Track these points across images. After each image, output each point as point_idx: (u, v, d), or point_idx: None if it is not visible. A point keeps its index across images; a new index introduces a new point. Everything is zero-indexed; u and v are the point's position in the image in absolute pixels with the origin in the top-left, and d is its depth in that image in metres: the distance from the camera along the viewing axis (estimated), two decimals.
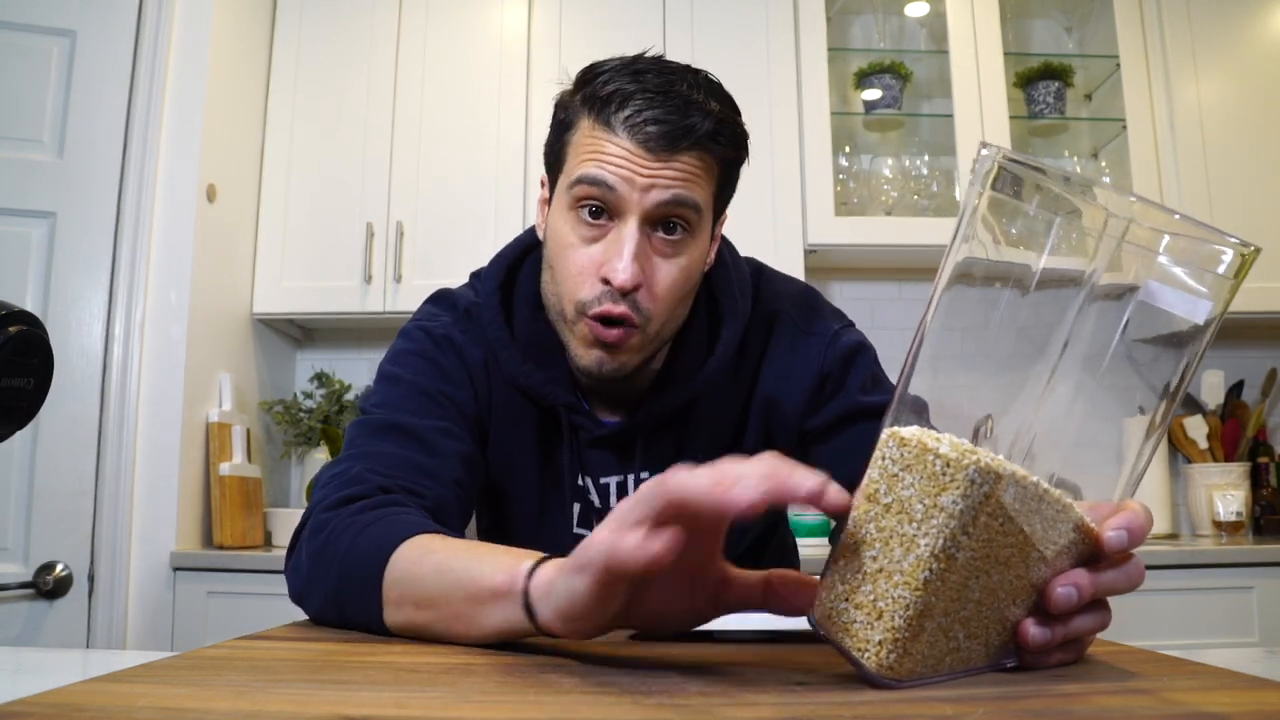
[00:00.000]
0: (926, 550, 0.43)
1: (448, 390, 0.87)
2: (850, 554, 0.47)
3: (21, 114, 1.91)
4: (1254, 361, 2.54)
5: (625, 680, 0.47)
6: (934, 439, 0.44)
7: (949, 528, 0.43)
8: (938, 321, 0.46)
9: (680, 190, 0.78)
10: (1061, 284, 0.47)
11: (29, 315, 0.64)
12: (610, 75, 0.80)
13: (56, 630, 1.80)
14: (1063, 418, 0.48)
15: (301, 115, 2.36)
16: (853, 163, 2.50)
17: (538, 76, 2.35)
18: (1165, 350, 0.48)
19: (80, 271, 1.91)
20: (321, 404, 2.39)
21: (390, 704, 0.41)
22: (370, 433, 0.82)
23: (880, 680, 0.45)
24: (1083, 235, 0.46)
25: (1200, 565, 1.91)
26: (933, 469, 0.44)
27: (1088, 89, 2.59)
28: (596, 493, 0.92)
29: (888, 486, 0.46)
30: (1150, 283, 0.46)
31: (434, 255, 2.28)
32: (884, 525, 0.45)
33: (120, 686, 0.43)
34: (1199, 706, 0.41)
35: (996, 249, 0.46)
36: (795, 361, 0.92)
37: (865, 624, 0.45)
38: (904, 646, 0.44)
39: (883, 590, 0.45)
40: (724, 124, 0.80)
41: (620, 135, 0.78)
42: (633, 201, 0.78)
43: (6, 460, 1.80)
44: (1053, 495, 0.45)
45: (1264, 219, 2.29)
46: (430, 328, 0.91)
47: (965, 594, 0.45)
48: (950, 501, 0.43)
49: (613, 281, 0.78)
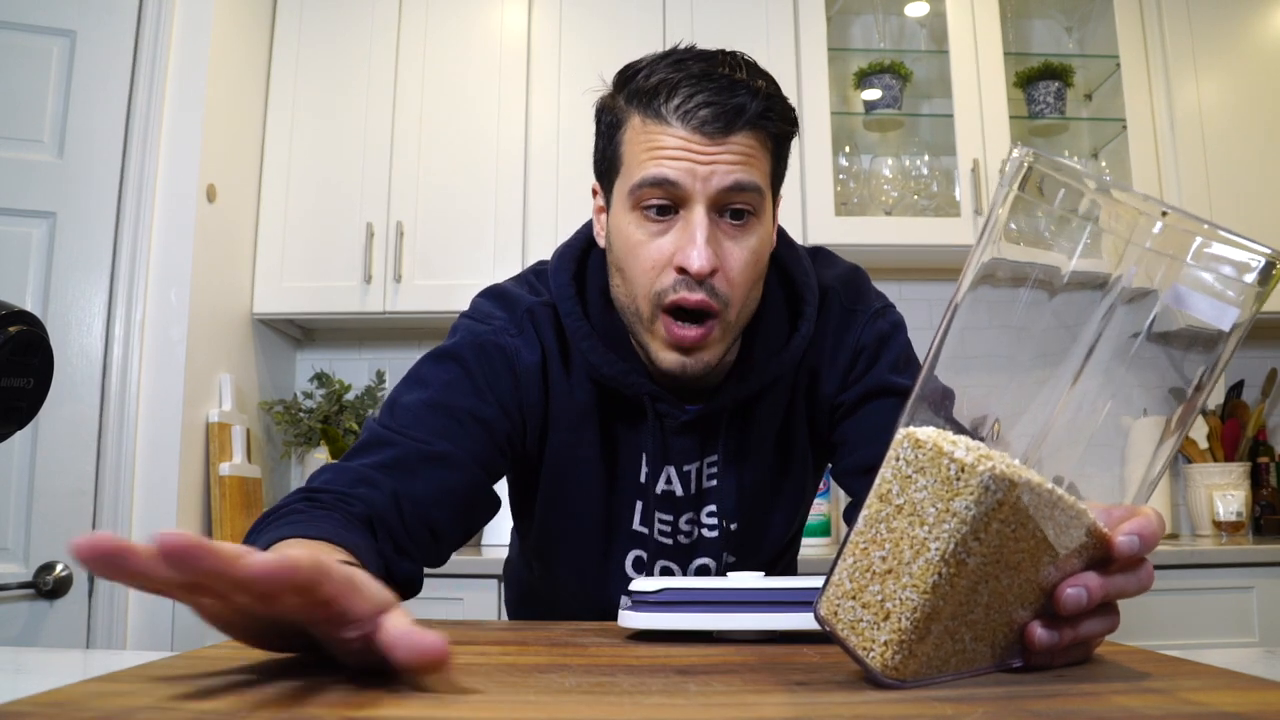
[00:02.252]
0: (937, 554, 0.43)
1: (473, 407, 0.84)
2: (859, 553, 0.46)
3: (21, 114, 1.91)
4: (1254, 361, 2.54)
5: (625, 680, 0.47)
6: (950, 442, 0.44)
7: (960, 533, 0.43)
8: (960, 321, 0.46)
9: (740, 174, 0.78)
10: (1087, 287, 0.46)
11: (29, 315, 0.64)
12: (650, 68, 0.79)
13: (56, 630, 1.80)
14: (1082, 421, 0.47)
15: (301, 115, 2.36)
16: (853, 163, 2.50)
17: (538, 76, 2.36)
18: (1188, 355, 0.48)
19: (80, 271, 1.91)
20: (321, 404, 2.39)
21: (390, 704, 0.41)
22: (361, 447, 0.81)
23: (884, 680, 0.45)
24: (1112, 238, 0.45)
25: (1200, 565, 1.91)
26: (947, 473, 0.43)
27: (1088, 89, 2.59)
28: (679, 480, 0.91)
29: (900, 487, 0.45)
30: (1178, 287, 0.45)
31: (434, 255, 2.29)
32: (895, 526, 0.45)
33: (120, 686, 0.43)
34: (1199, 707, 0.41)
35: (1023, 250, 0.46)
36: (840, 337, 0.92)
37: (872, 624, 0.45)
38: (910, 648, 0.44)
39: (891, 591, 0.44)
40: (773, 99, 0.80)
41: (674, 124, 0.77)
42: (696, 190, 0.77)
43: (6, 460, 1.80)
44: (1066, 501, 0.45)
45: (1264, 219, 2.29)
46: (480, 332, 0.88)
47: (974, 598, 0.45)
48: (963, 507, 0.42)
49: (689, 268, 0.77)
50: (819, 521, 2.23)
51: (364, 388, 2.45)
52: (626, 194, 0.81)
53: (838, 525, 2.29)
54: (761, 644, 0.61)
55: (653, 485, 0.91)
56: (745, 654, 0.57)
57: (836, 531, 2.29)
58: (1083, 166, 2.50)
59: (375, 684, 0.46)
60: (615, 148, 0.83)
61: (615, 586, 0.89)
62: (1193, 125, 2.34)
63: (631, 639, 0.63)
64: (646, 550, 0.92)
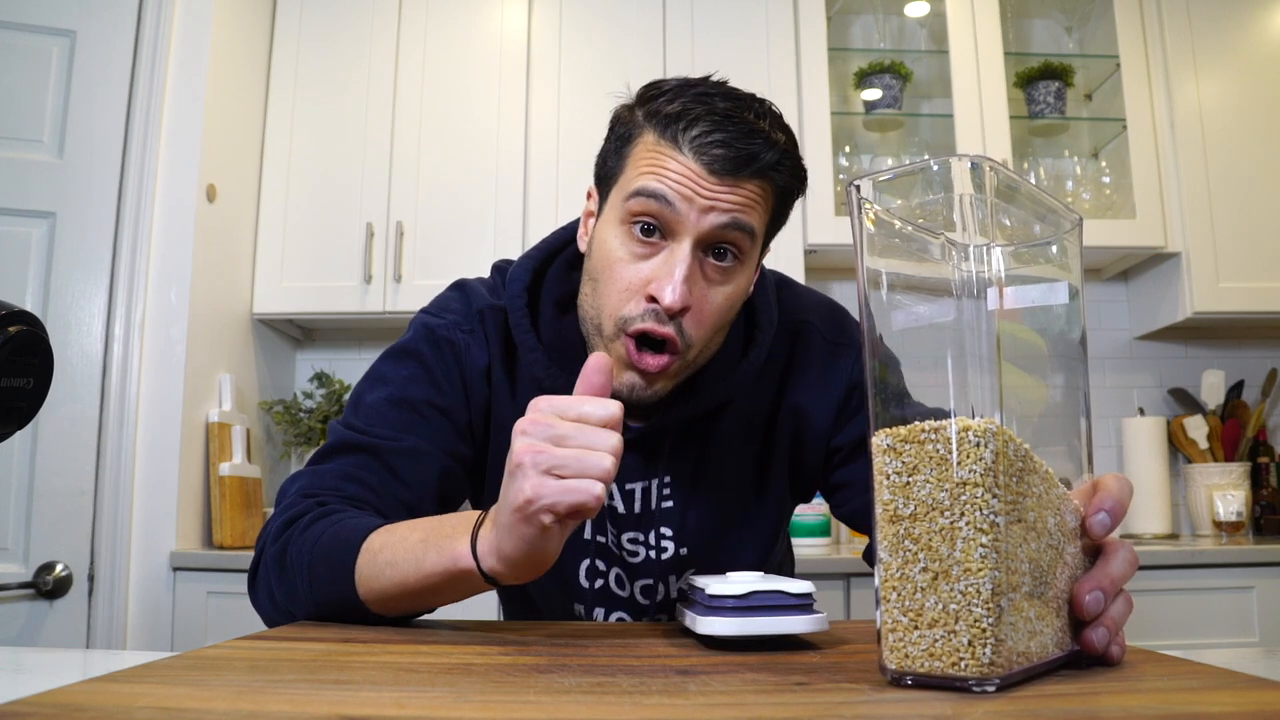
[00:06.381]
0: (969, 528, 0.44)
1: (433, 398, 0.87)
2: (898, 581, 0.46)
3: (21, 114, 1.91)
4: (1254, 361, 2.54)
5: (625, 680, 0.47)
6: (919, 430, 0.46)
7: (978, 495, 0.44)
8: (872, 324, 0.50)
9: (739, 215, 0.77)
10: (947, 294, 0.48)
11: (29, 315, 0.64)
12: (675, 93, 0.79)
13: (56, 630, 1.80)
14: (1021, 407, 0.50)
15: (301, 115, 2.36)
16: (853, 163, 2.50)
17: (538, 76, 2.36)
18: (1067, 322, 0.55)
19: (80, 271, 1.91)
20: (321, 404, 2.39)
21: (390, 704, 0.41)
22: (331, 450, 0.84)
23: (987, 686, 0.43)
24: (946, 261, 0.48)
25: (1200, 565, 1.91)
26: (937, 454, 0.45)
27: (1088, 89, 2.59)
28: (621, 498, 0.90)
29: (904, 498, 0.46)
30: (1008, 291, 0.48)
31: (434, 255, 2.28)
32: (917, 534, 0.45)
33: (120, 686, 0.43)
34: (1199, 707, 0.41)
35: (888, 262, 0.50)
36: (825, 372, 0.91)
37: (946, 635, 0.44)
38: (994, 635, 0.43)
39: (946, 593, 0.44)
40: (787, 154, 0.80)
41: (685, 154, 0.77)
42: (690, 222, 0.77)
43: (6, 460, 1.80)
44: (1034, 457, 0.48)
45: (1264, 219, 2.30)
46: (434, 326, 0.90)
47: (1016, 565, 0.45)
48: (968, 472, 0.44)
49: (661, 302, 0.76)
50: (819, 522, 2.23)
51: None
52: (620, 202, 0.80)
53: (837, 525, 2.30)
54: (761, 644, 0.61)
55: (610, 498, 0.90)
56: (745, 654, 0.57)
57: (836, 530, 2.29)
58: (1075, 166, 2.49)
59: (375, 684, 0.46)
60: (621, 158, 0.82)
61: (574, 594, 0.91)
62: (1193, 125, 2.34)
63: (635, 640, 0.63)
64: (604, 559, 0.91)
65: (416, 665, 0.52)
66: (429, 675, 0.49)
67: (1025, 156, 2.53)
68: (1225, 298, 2.27)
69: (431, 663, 0.53)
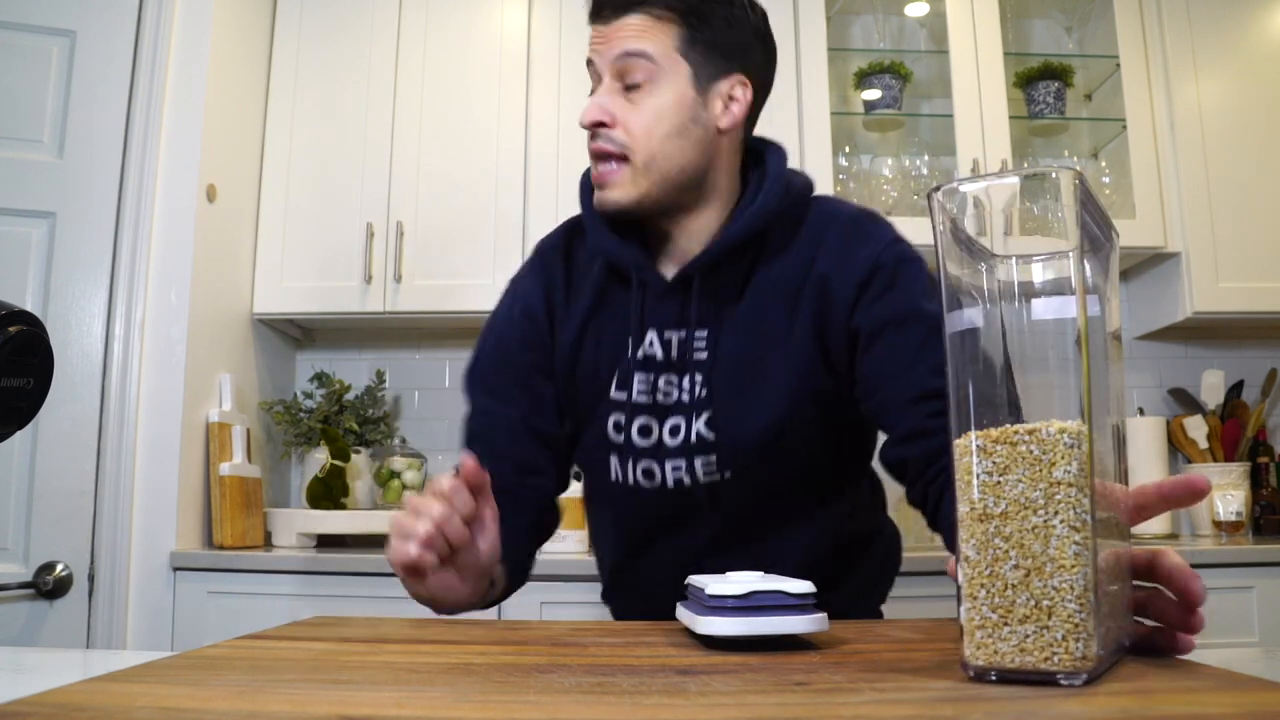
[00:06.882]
0: (1064, 526, 0.45)
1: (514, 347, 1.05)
2: (987, 579, 0.46)
3: (21, 114, 1.91)
4: (1254, 361, 2.54)
5: (625, 680, 0.47)
6: (1012, 432, 0.46)
7: (1072, 495, 0.45)
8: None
9: (628, 44, 0.94)
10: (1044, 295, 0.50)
11: (29, 315, 0.64)
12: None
13: (56, 630, 1.80)
14: None
15: (301, 115, 2.36)
16: (853, 163, 2.50)
17: (538, 76, 2.36)
18: None
19: (80, 271, 1.91)
20: (321, 404, 2.39)
21: (390, 704, 0.41)
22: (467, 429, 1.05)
23: (1075, 679, 0.44)
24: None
25: (1200, 565, 1.90)
26: (1031, 455, 0.46)
27: (1088, 89, 2.59)
28: (660, 345, 0.99)
29: (995, 497, 0.46)
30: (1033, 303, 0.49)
31: (434, 255, 2.28)
32: (1008, 532, 0.46)
33: (120, 686, 0.43)
34: (1199, 707, 0.41)
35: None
36: (851, 245, 0.97)
37: (1038, 630, 0.45)
38: (1086, 629, 0.44)
39: (1039, 589, 0.45)
40: None
41: (592, 27, 0.98)
42: (600, 66, 0.97)
43: (6, 460, 1.80)
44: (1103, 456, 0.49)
45: (1264, 219, 2.30)
46: (514, 280, 1.11)
47: (1100, 561, 0.46)
48: (1064, 473, 0.45)
49: (580, 122, 0.97)
50: None
51: (364, 388, 2.45)
52: None
53: None
54: (761, 644, 0.61)
55: (636, 351, 1.00)
56: (745, 654, 0.57)
57: None
58: (1075, 166, 2.49)
59: (375, 684, 0.46)
60: None
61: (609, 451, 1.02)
62: (1193, 125, 2.33)
63: (635, 640, 0.63)
64: (623, 413, 1.00)
65: (416, 665, 0.52)
66: (429, 675, 0.49)
67: (1025, 157, 2.53)
68: (1225, 298, 2.27)
69: (431, 663, 0.53)
